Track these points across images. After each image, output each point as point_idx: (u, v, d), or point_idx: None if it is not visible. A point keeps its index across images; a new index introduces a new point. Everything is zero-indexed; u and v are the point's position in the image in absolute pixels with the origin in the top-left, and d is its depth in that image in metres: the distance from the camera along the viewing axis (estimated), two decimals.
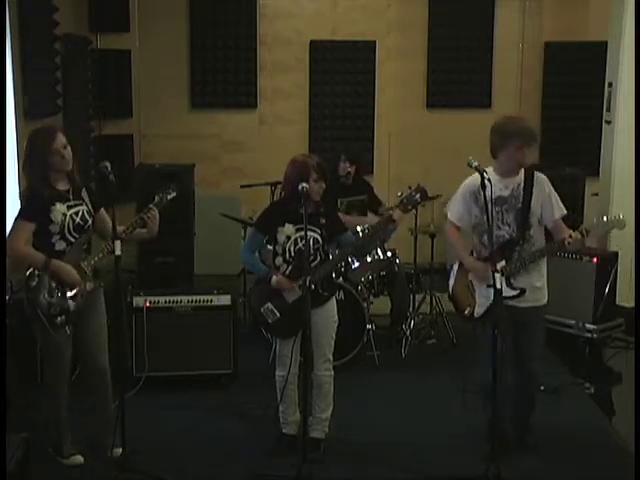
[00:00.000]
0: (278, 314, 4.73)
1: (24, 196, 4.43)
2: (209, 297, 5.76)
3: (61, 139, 4.37)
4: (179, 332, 5.67)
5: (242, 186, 7.45)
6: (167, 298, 5.71)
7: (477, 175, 4.53)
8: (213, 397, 5.58)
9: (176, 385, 5.62)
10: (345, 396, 5.04)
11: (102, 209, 4.63)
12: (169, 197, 4.61)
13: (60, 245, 4.40)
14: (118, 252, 4.24)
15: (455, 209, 4.79)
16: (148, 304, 5.67)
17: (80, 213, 4.43)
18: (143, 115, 8.53)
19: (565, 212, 4.69)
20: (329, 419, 4.86)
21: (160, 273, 7.05)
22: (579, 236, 4.47)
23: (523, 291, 4.60)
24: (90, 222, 4.45)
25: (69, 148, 4.39)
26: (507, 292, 4.56)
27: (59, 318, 4.38)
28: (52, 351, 4.47)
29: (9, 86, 5.74)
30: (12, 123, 5.78)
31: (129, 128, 8.47)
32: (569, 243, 4.49)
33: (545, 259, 4.67)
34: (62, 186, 4.44)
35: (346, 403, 5.06)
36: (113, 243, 4.25)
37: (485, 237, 4.66)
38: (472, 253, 4.81)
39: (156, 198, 4.59)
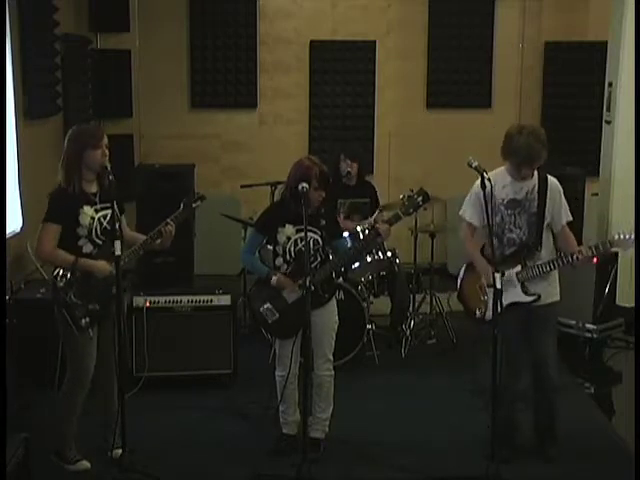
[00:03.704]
0: (278, 314, 4.73)
1: (53, 196, 4.38)
2: (209, 297, 5.76)
3: (105, 139, 4.41)
4: (179, 332, 5.67)
5: (242, 186, 7.44)
6: (167, 298, 5.71)
7: (491, 174, 4.56)
8: (213, 397, 5.59)
9: (176, 385, 5.62)
10: (345, 396, 5.04)
11: (124, 215, 4.64)
12: (194, 205, 4.61)
13: (87, 248, 4.40)
14: (118, 252, 4.23)
15: (469, 209, 4.75)
16: (148, 304, 5.67)
17: (108, 217, 4.42)
18: (143, 115, 8.53)
19: (571, 218, 4.72)
20: (329, 419, 4.86)
21: (160, 273, 7.04)
22: (589, 253, 4.48)
23: (539, 297, 4.60)
24: (117, 226, 4.38)
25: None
26: (523, 298, 4.60)
27: (84, 320, 4.37)
28: (74, 352, 4.45)
29: (9, 86, 5.73)
30: (12, 123, 5.77)
31: (129, 128, 8.47)
32: (577, 259, 4.50)
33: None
34: (91, 189, 4.44)
35: (346, 403, 5.06)
36: (113, 243, 4.25)
37: (495, 239, 4.65)
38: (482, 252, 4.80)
39: (177, 212, 4.56)
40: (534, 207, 4.58)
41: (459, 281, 4.93)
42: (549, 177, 4.66)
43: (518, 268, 4.60)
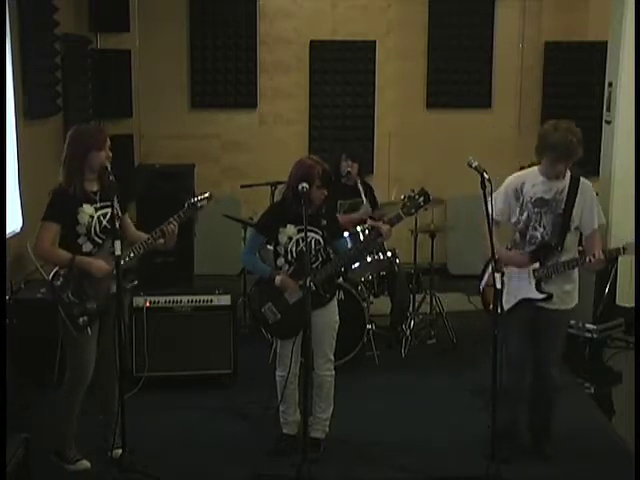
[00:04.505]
0: (279, 314, 4.73)
1: (54, 194, 4.37)
2: (209, 297, 5.75)
3: (108, 141, 4.42)
4: (179, 332, 5.67)
5: (242, 186, 7.44)
6: (167, 298, 5.71)
7: (521, 173, 4.61)
8: (213, 397, 5.58)
9: (176, 385, 5.62)
10: (345, 396, 5.04)
11: (127, 214, 4.63)
12: (199, 205, 4.55)
13: (87, 247, 4.39)
14: (118, 252, 4.23)
15: (496, 204, 4.68)
16: (148, 304, 5.67)
17: (108, 215, 4.41)
18: (143, 115, 8.53)
19: (604, 221, 4.69)
20: (329, 419, 4.86)
21: (160, 273, 7.04)
22: (602, 257, 4.47)
23: (550, 296, 4.59)
24: (118, 225, 4.37)
25: None
26: (535, 294, 4.60)
27: (81, 319, 4.36)
28: (74, 351, 4.44)
29: (9, 86, 5.73)
30: (12, 123, 5.77)
31: (129, 128, 8.47)
32: (590, 261, 4.50)
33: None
34: (92, 187, 4.43)
35: (346, 403, 5.06)
36: (113, 243, 4.24)
37: (517, 235, 4.66)
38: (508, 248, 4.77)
39: (181, 210, 4.53)
40: (561, 208, 4.56)
41: (486, 275, 4.91)
42: (582, 179, 4.62)
43: (536, 265, 4.60)
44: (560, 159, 4.49)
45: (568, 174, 4.61)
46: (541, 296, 4.59)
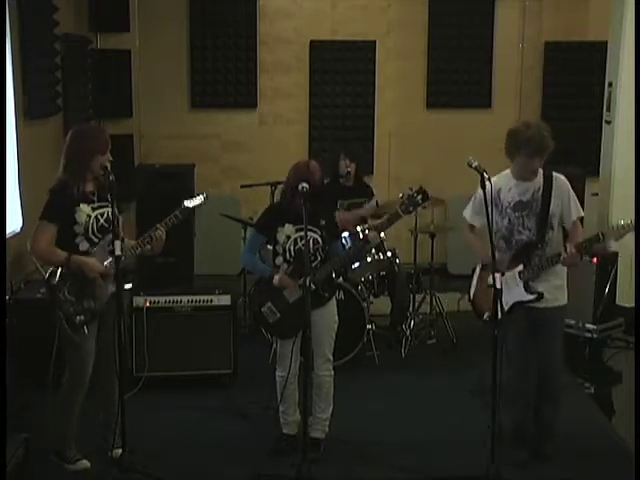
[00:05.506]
0: (279, 314, 4.74)
1: (52, 193, 4.37)
2: (209, 297, 5.76)
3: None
4: (179, 332, 5.67)
5: (242, 186, 7.45)
6: (167, 298, 5.71)
7: (494, 179, 4.54)
8: (213, 397, 5.59)
9: (176, 385, 5.62)
10: (345, 396, 5.04)
11: (120, 216, 4.61)
12: (192, 206, 4.58)
13: (84, 246, 4.39)
14: (118, 252, 4.23)
15: (471, 209, 4.75)
16: (148, 304, 5.67)
17: (105, 215, 4.42)
18: (143, 115, 8.53)
19: (582, 214, 4.67)
20: (329, 419, 4.87)
21: (160, 273, 7.04)
22: (573, 251, 4.45)
23: (541, 295, 4.58)
24: (116, 224, 4.37)
25: None
26: (525, 297, 4.59)
27: (78, 317, 4.35)
28: (73, 351, 4.44)
29: (9, 86, 5.73)
30: (12, 123, 5.77)
31: (129, 128, 8.47)
32: (564, 258, 4.48)
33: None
34: (89, 187, 4.44)
35: (346, 403, 5.06)
36: (113, 243, 4.25)
37: (502, 242, 4.65)
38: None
39: (172, 214, 4.54)
40: (540, 207, 4.56)
41: (474, 282, 4.88)
42: (554, 174, 4.61)
43: (520, 267, 4.60)
44: (536, 154, 4.48)
45: (540, 172, 4.60)
46: (531, 297, 4.59)
